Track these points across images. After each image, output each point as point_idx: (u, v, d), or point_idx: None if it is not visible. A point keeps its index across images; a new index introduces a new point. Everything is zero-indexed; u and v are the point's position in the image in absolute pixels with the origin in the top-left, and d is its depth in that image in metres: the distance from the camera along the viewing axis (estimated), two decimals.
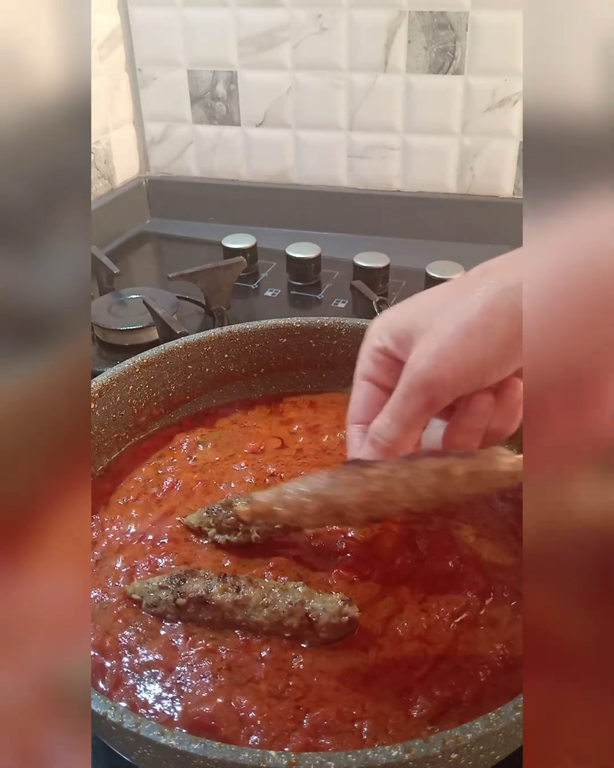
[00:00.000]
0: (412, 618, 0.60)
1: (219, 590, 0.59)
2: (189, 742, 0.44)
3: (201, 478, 0.76)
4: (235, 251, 1.30)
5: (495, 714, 0.45)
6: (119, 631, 0.60)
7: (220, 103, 1.50)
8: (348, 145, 1.47)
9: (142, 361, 0.81)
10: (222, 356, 0.87)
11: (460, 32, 1.30)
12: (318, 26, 1.36)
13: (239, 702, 0.54)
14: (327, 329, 0.88)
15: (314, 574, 0.64)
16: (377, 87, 1.39)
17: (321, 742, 0.52)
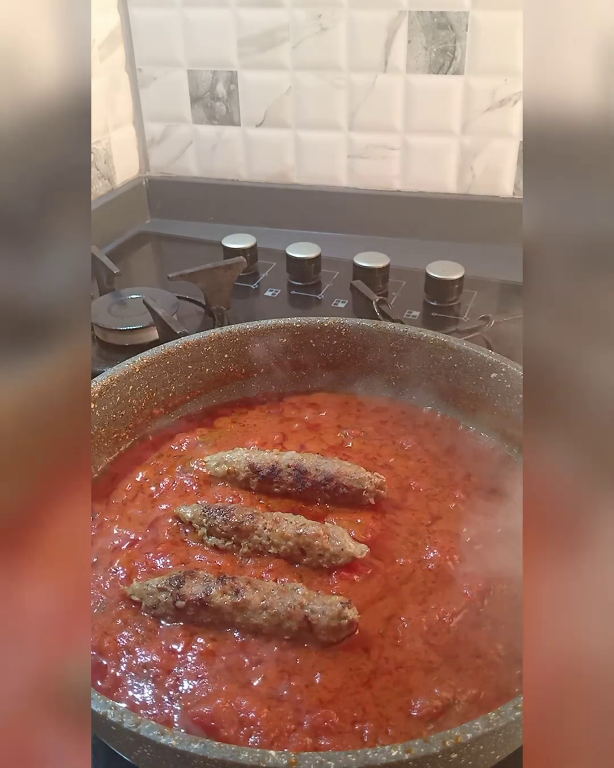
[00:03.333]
0: (413, 618, 0.60)
1: (218, 593, 0.59)
2: (189, 742, 0.44)
3: (200, 478, 0.76)
4: (235, 251, 1.30)
5: (495, 714, 0.45)
6: (118, 632, 0.60)
7: (220, 103, 1.50)
8: (348, 145, 1.46)
9: (142, 361, 0.81)
10: (222, 356, 0.87)
11: (460, 32, 1.30)
12: (318, 26, 1.36)
13: (239, 703, 0.54)
14: (327, 329, 0.88)
15: (314, 573, 0.64)
16: (377, 87, 1.39)
17: (321, 743, 0.52)
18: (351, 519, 0.70)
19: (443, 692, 0.55)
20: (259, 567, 0.65)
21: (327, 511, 0.71)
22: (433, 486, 0.75)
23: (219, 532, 0.67)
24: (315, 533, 0.64)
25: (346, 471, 0.71)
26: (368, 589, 0.63)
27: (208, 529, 0.67)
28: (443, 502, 0.73)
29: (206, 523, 0.67)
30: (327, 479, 0.71)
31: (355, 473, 0.71)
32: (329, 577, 0.64)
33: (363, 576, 0.64)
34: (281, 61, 1.41)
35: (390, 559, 0.66)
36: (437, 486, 0.75)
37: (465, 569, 0.64)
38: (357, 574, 0.64)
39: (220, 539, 0.67)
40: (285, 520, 0.66)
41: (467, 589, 0.62)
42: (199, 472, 0.77)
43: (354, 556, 0.64)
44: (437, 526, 0.70)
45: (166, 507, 0.72)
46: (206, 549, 0.67)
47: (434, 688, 0.55)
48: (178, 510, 0.70)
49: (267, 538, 0.65)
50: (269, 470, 0.72)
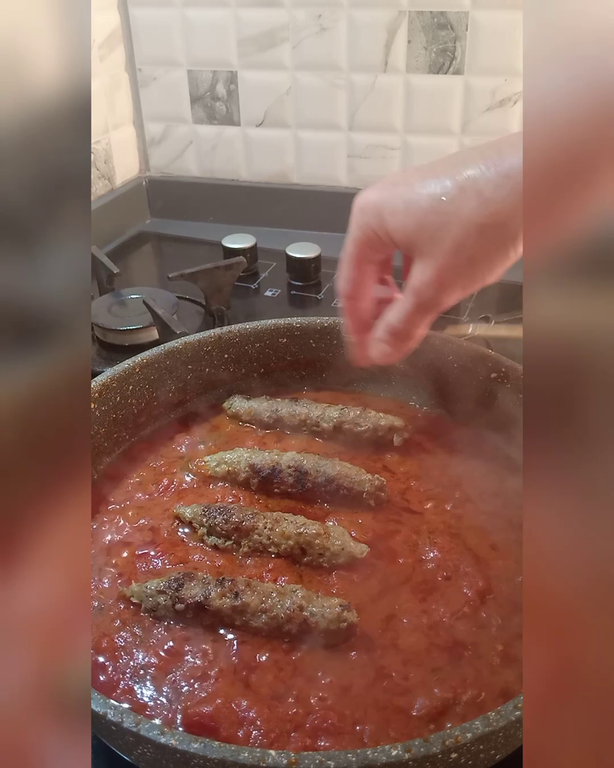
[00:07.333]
0: (413, 618, 0.60)
1: (217, 595, 0.59)
2: (189, 741, 0.44)
3: (200, 478, 0.76)
4: (235, 251, 1.30)
5: (495, 714, 0.45)
6: (117, 633, 0.60)
7: (220, 103, 1.50)
8: (348, 145, 1.46)
9: (142, 361, 0.81)
10: (222, 356, 0.87)
11: (460, 32, 1.30)
12: (318, 26, 1.36)
13: (239, 703, 0.54)
14: (327, 329, 0.88)
15: (314, 573, 0.64)
16: (377, 87, 1.39)
17: (321, 744, 0.52)
18: (352, 519, 0.70)
19: (443, 692, 0.55)
20: (259, 567, 0.65)
21: (327, 511, 0.71)
22: (433, 486, 0.75)
23: (219, 532, 0.67)
24: (315, 532, 0.64)
25: (347, 472, 0.71)
26: (368, 589, 0.63)
27: (208, 528, 0.67)
28: (443, 502, 0.73)
29: (206, 522, 0.67)
30: (327, 480, 0.71)
31: (356, 475, 0.71)
32: (329, 577, 0.64)
33: (364, 576, 0.64)
34: (281, 61, 1.41)
35: (391, 559, 0.66)
36: (437, 486, 0.75)
37: (466, 569, 0.64)
38: (358, 574, 0.64)
39: (220, 539, 0.67)
40: (285, 520, 0.66)
41: (467, 589, 0.62)
42: (198, 472, 0.77)
43: (354, 555, 0.64)
44: (437, 526, 0.70)
45: (166, 507, 0.72)
46: (206, 549, 0.67)
47: (434, 688, 0.55)
48: (178, 510, 0.70)
49: (267, 538, 0.65)
50: (269, 471, 0.72)
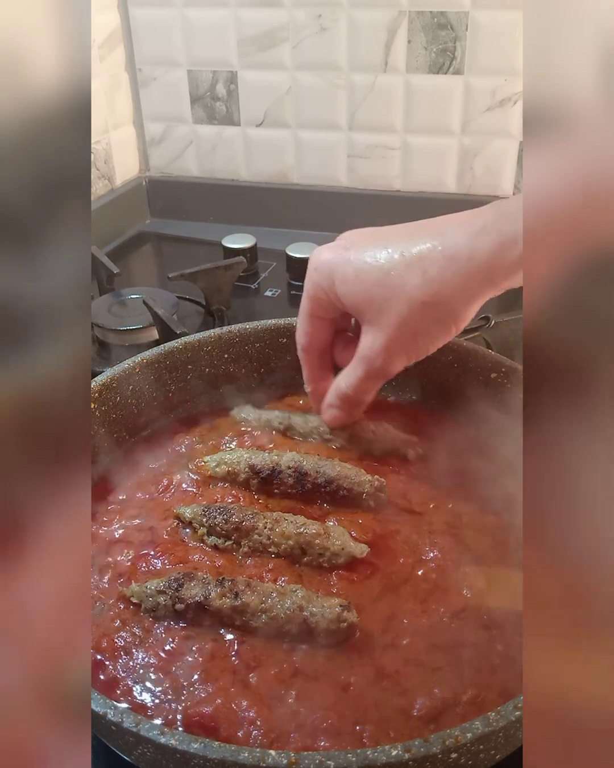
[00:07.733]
0: (413, 618, 0.60)
1: (217, 596, 0.59)
2: (189, 741, 0.44)
3: (200, 478, 0.76)
4: (235, 251, 1.30)
5: (495, 714, 0.45)
6: (117, 633, 0.60)
7: (220, 103, 1.50)
8: (349, 145, 1.46)
9: (142, 361, 0.81)
10: (222, 356, 0.87)
11: (460, 32, 1.30)
12: (318, 26, 1.36)
13: (239, 703, 0.54)
14: None
15: (314, 573, 0.64)
16: (377, 87, 1.39)
17: (321, 744, 0.52)
18: (352, 519, 0.70)
19: (443, 692, 0.55)
20: (259, 566, 0.65)
21: (327, 511, 0.71)
22: (434, 486, 0.75)
23: (219, 532, 0.67)
24: (315, 532, 0.64)
25: (347, 473, 0.71)
26: (368, 589, 0.63)
27: (208, 528, 0.67)
28: (443, 502, 0.73)
29: (206, 522, 0.67)
30: (327, 481, 0.71)
31: (356, 476, 0.71)
32: (329, 577, 0.64)
33: (364, 576, 0.64)
34: (281, 61, 1.41)
35: (391, 559, 0.66)
36: (437, 486, 0.75)
37: (466, 569, 0.64)
38: (358, 574, 0.64)
39: (220, 539, 0.67)
40: (285, 520, 0.66)
41: (467, 589, 0.62)
42: (198, 472, 0.77)
43: (354, 555, 0.64)
44: (437, 526, 0.70)
45: (166, 507, 0.72)
46: (206, 549, 0.67)
47: (434, 688, 0.55)
48: (178, 510, 0.70)
49: (267, 538, 0.65)
50: (269, 471, 0.72)
